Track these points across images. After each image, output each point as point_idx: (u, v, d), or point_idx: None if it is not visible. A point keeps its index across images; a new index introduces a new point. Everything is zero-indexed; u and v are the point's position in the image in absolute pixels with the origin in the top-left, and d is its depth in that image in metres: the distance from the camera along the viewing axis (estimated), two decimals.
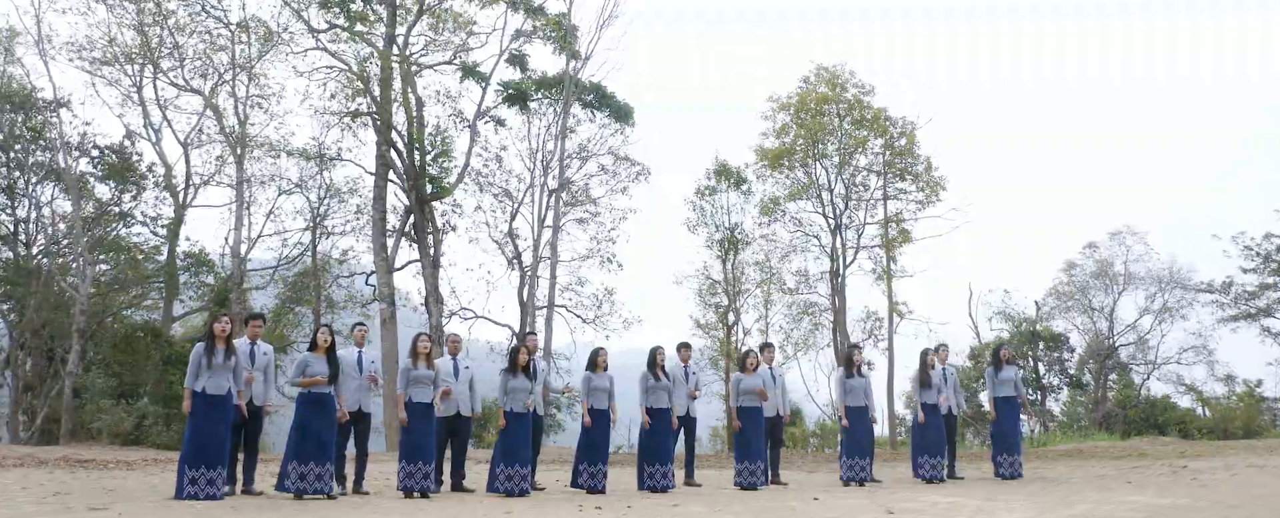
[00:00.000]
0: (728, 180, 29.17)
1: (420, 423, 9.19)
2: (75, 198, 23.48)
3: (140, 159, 26.24)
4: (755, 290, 30.36)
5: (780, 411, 11.69)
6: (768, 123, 27.82)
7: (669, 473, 10.25)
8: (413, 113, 23.47)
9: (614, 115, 26.84)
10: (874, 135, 27.09)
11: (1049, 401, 33.21)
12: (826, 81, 27.41)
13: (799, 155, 27.66)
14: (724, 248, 28.77)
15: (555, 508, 8.33)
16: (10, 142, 24.14)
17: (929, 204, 26.63)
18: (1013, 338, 33.24)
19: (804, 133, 27.16)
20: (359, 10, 24.12)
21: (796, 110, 27.45)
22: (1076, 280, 33.11)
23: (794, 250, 28.65)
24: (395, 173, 23.46)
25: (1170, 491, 9.23)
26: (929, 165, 26.59)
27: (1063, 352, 32.93)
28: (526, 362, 9.65)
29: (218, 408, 8.24)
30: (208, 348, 8.30)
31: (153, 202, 26.88)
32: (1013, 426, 12.14)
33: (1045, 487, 10.36)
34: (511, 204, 27.43)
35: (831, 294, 27.54)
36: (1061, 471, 13.98)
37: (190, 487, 8.06)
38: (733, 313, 29.20)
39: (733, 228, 28.98)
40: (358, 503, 8.35)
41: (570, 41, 26.06)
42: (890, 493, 9.95)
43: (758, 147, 27.92)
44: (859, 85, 27.39)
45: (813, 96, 27.19)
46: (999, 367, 12.28)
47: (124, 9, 24.72)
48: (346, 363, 9.53)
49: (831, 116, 27.18)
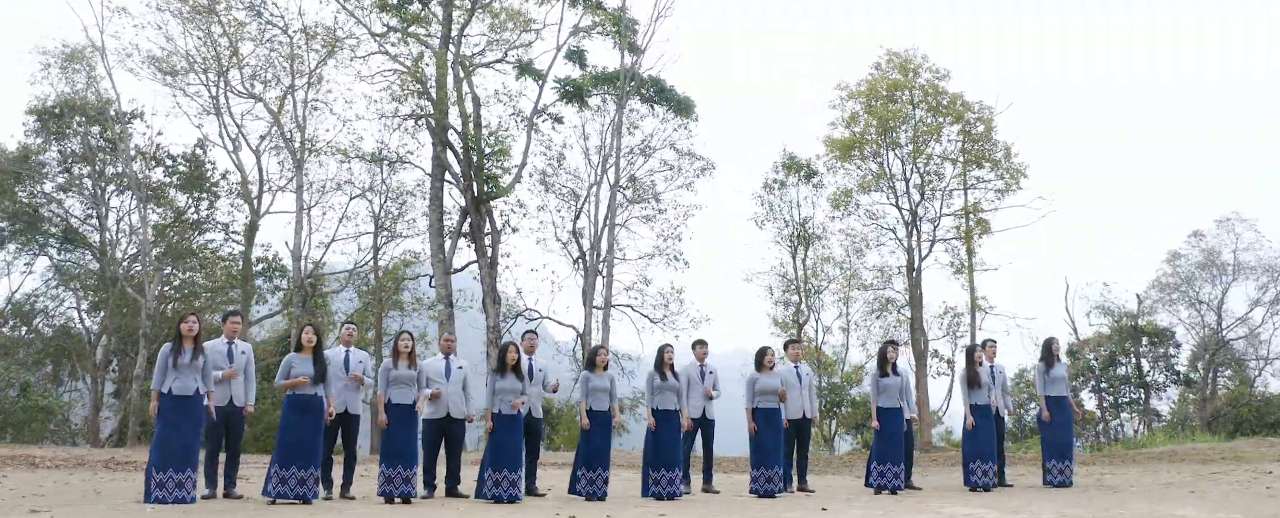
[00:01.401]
0: (798, 174, 28.21)
1: (400, 426, 8.80)
2: (142, 207, 24.20)
3: (214, 168, 27.04)
4: (831, 287, 29.33)
5: (807, 412, 10.91)
6: (836, 112, 26.80)
7: (676, 479, 9.63)
8: (467, 112, 23.36)
9: (674, 109, 26.24)
10: (950, 121, 25.74)
11: (1154, 399, 31.08)
12: (898, 67, 26.18)
13: (872, 145, 26.52)
14: (794, 243, 27.82)
15: (529, 515, 7.84)
16: (91, 154, 25.13)
17: (1009, 193, 25.14)
18: (1113, 334, 31.27)
19: (875, 121, 26.01)
20: (416, 12, 24.17)
21: (867, 98, 26.31)
22: (1181, 271, 30.87)
23: (867, 245, 27.51)
24: (451, 174, 23.40)
25: (1229, 503, 8.15)
26: (1008, 152, 25.10)
27: (1168, 347, 30.76)
28: (516, 361, 9.17)
29: (185, 409, 8.01)
30: (174, 348, 8.09)
31: (227, 209, 27.70)
32: (1066, 429, 11.07)
33: (1090, 497, 9.33)
34: (576, 203, 27.16)
35: (908, 289, 26.29)
36: (1132, 476, 12.75)
37: (158, 491, 7.84)
38: (806, 310, 28.22)
39: (803, 222, 28.01)
40: (329, 508, 8.02)
41: (628, 35, 25.58)
42: (916, 502, 9.11)
43: (826, 137, 26.91)
44: (933, 70, 26.10)
45: (884, 83, 26.01)
46: (1050, 363, 11.22)
47: (197, 23, 25.40)
48: (333, 363, 9.25)
49: (904, 104, 25.95)
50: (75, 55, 26.15)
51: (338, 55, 24.96)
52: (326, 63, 25.12)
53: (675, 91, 26.05)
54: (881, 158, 26.52)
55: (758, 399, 10.17)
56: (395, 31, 24.16)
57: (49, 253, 26.14)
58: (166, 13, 24.98)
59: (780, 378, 10.70)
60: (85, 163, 25.14)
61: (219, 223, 26.83)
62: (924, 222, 25.99)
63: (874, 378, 10.45)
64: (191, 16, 25.28)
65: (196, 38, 25.34)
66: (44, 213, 25.40)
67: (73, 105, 24.54)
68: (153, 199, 26.51)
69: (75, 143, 25.03)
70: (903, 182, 26.51)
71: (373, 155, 24.55)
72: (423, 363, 9.71)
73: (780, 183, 28.13)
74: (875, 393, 10.39)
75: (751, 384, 10.23)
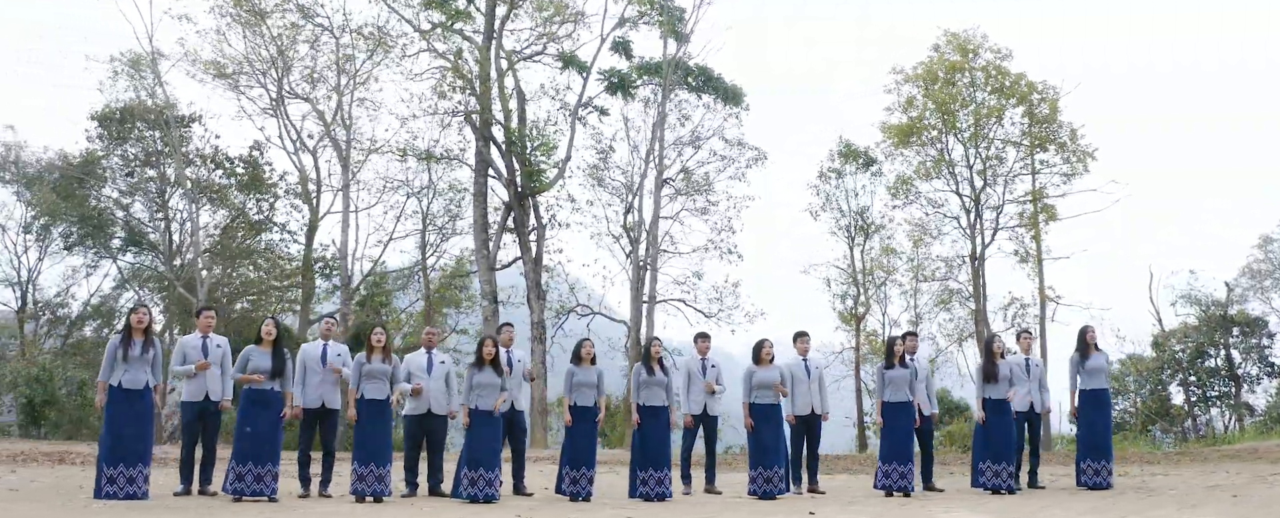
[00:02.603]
0: (855, 162, 27.24)
1: (371, 422, 8.52)
2: (192, 207, 24.70)
3: (272, 168, 27.50)
4: (894, 278, 28.26)
5: (817, 407, 10.26)
6: (892, 96, 25.74)
7: (665, 479, 9.14)
8: (508, 106, 23.19)
9: (722, 98, 25.60)
10: (1013, 103, 24.47)
11: (1245, 392, 29.08)
12: (957, 48, 25.01)
13: (933, 131, 25.41)
14: (851, 234, 26.89)
15: (496, 516, 7.49)
16: (153, 158, 25.79)
17: (1075, 177, 23.77)
18: (1201, 324, 29.37)
19: (934, 105, 24.90)
20: (460, 8, 24.10)
21: (925, 81, 25.21)
22: (1274, 257, 28.82)
23: (929, 234, 26.39)
24: (494, 169, 23.27)
25: (1263, 510, 7.29)
26: (1073, 134, 23.71)
27: (1260, 337, 28.74)
28: (494, 355, 8.81)
29: (135, 403, 7.89)
30: (124, 340, 7.96)
31: (286, 209, 28.15)
32: (1103, 425, 10.18)
33: (1112, 501, 8.53)
34: (627, 196, 26.77)
35: (971, 279, 25.14)
36: (1188, 476, 11.72)
37: (108, 486, 7.73)
38: (865, 303, 27.25)
39: (861, 212, 27.05)
40: (291, 507, 7.80)
41: (676, 25, 25.06)
42: (919, 506, 8.46)
43: (882, 123, 25.89)
44: (995, 50, 24.84)
45: (942, 64, 24.88)
46: (1085, 353, 10.32)
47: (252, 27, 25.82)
48: (310, 357, 9.06)
49: (963, 86, 24.78)
50: (139, 62, 26.89)
51: (387, 54, 25.09)
52: (376, 62, 25.31)
53: (723, 80, 25.42)
54: (941, 143, 25.40)
55: (755, 394, 9.62)
56: (440, 27, 24.17)
57: (116, 255, 26.95)
58: (227, 18, 25.54)
59: (788, 372, 10.16)
60: (148, 166, 25.82)
61: (275, 223, 27.22)
62: (986, 209, 24.78)
63: (879, 371, 9.79)
64: (247, 21, 25.76)
65: (253, 42, 25.79)
66: (110, 216, 26.19)
67: (133, 111, 25.21)
68: (215, 200, 27.11)
69: (137, 147, 25.72)
70: (967, 168, 25.36)
71: (420, 153, 24.56)
72: (406, 357, 9.47)
73: (837, 172, 27.19)
74: (880, 387, 9.73)
75: (748, 378, 9.69)
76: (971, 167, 25.19)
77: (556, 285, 27.29)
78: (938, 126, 24.89)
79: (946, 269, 25.85)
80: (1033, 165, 24.77)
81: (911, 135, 25.07)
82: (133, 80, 26.63)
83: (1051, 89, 24.00)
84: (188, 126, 25.70)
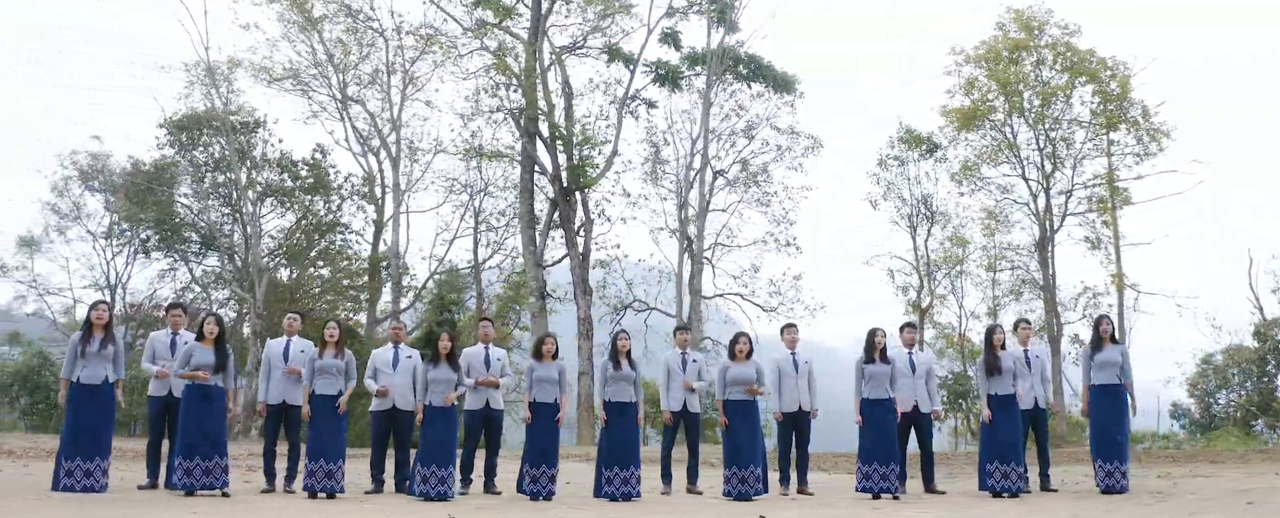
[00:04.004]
0: (917, 148, 26.23)
1: (322, 418, 8.48)
2: (254, 211, 25.42)
3: (335, 171, 28.19)
4: (965, 267, 27.13)
5: (804, 404, 9.76)
6: (952, 78, 24.65)
7: (632, 478, 8.82)
8: (552, 102, 23.12)
9: (774, 86, 24.98)
10: (1083, 81, 23.12)
11: None
12: (1021, 25, 23.77)
13: (998, 114, 24.24)
14: (913, 222, 25.92)
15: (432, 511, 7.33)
16: (223, 163, 26.74)
17: (1148, 157, 22.29)
18: None
19: (997, 85, 23.73)
20: (509, 4, 24.18)
21: (988, 61, 24.05)
22: None
23: (997, 220, 25.21)
24: (539, 165, 23.26)
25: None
26: (1146, 112, 22.22)
27: None
28: (449, 350, 8.66)
29: (94, 398, 8.03)
30: (84, 336, 8.11)
31: (352, 209, 28.82)
32: (1117, 423, 9.36)
33: (1116, 505, 7.84)
34: (682, 190, 26.45)
35: (1040, 267, 23.89)
36: (1228, 479, 10.71)
37: (66, 478, 7.88)
38: (930, 294, 26.24)
39: (923, 200, 26.04)
40: (241, 503, 7.80)
41: (727, 13, 24.57)
42: (893, 510, 7.94)
43: (942, 107, 24.83)
44: (1062, 25, 23.50)
45: (1005, 43, 23.69)
46: (1098, 345, 9.52)
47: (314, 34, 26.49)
48: (273, 354, 9.10)
49: (1028, 65, 23.54)
50: (212, 71, 27.94)
51: (441, 55, 25.36)
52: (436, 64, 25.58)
53: (773, 68, 24.80)
54: (1007, 125, 24.21)
55: (729, 391, 9.19)
56: (488, 25, 24.28)
57: (190, 259, 28.06)
58: (289, 24, 26.30)
59: (775, 367, 9.72)
60: (217, 171, 26.79)
61: (340, 225, 27.88)
62: (1055, 193, 23.50)
63: (858, 365, 9.23)
64: (308, 28, 26.45)
65: (310, 46, 26.47)
66: (184, 220, 27.26)
67: (199, 119, 26.17)
68: (284, 203, 27.96)
69: (205, 153, 26.70)
70: (1037, 151, 24.10)
71: (470, 151, 24.77)
72: (372, 352, 9.42)
73: (898, 159, 26.24)
74: (859, 382, 9.17)
75: (723, 374, 9.27)
76: (1042, 150, 23.92)
77: (614, 282, 27.22)
78: (1001, 109, 23.71)
79: (1015, 257, 24.64)
80: (1107, 147, 23.36)
81: (974, 119, 23.94)
82: (206, 89, 27.72)
83: (1122, 65, 22.56)
84: (253, 132, 26.54)
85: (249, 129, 26.51)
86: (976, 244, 26.15)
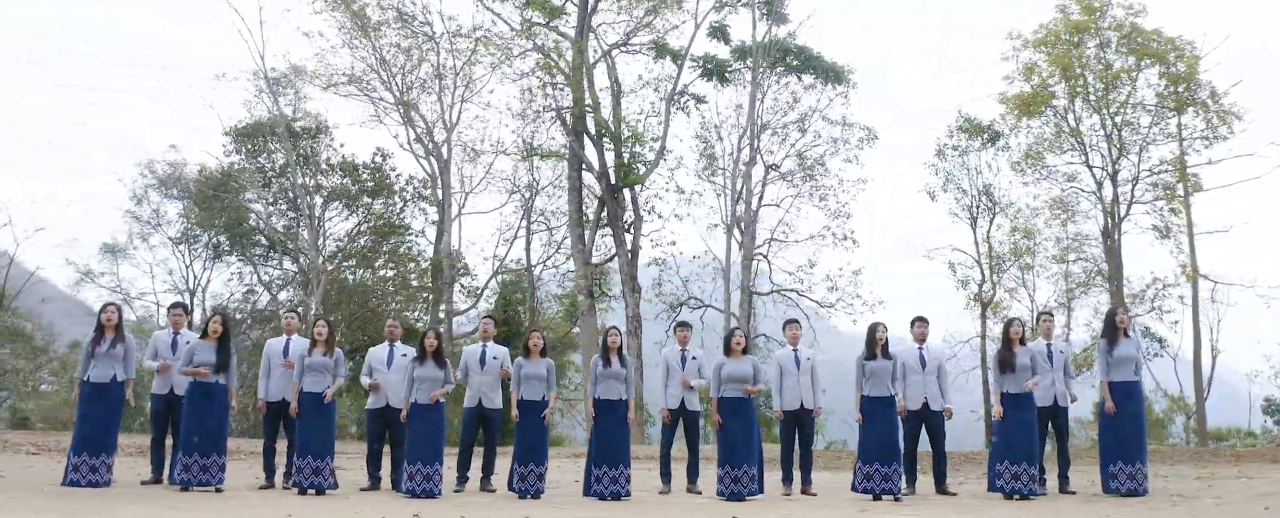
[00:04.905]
0: (979, 137, 25.41)
1: (312, 415, 8.62)
2: (314, 216, 26.09)
3: (397, 174, 28.75)
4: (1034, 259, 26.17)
5: (806, 402, 9.52)
6: (1010, 64, 23.77)
7: (622, 478, 8.74)
8: (597, 99, 23.13)
9: (825, 77, 24.51)
10: (1150, 63, 22.03)
11: None
12: (1083, 7, 22.77)
13: (1061, 100, 23.30)
14: (974, 214, 25.13)
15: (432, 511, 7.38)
16: (288, 168, 27.56)
17: (1218, 141, 21.11)
18: None
19: (1059, 70, 22.81)
20: (557, 4, 24.30)
21: (1049, 45, 23.13)
22: None
23: (1066, 211, 24.26)
24: (587, 163, 23.31)
25: None
26: (1214, 94, 21.04)
27: None
28: (435, 348, 8.71)
29: (102, 396, 8.34)
30: (95, 337, 8.43)
31: (414, 211, 29.37)
32: (1135, 423, 8.88)
33: (1129, 509, 7.42)
34: (736, 185, 26.20)
35: (1106, 258, 22.89)
36: (1268, 482, 10.04)
37: (73, 473, 8.22)
38: (993, 287, 25.40)
39: (984, 190, 25.22)
40: (234, 498, 7.99)
41: (774, 4, 24.23)
42: (887, 511, 7.68)
43: (1001, 94, 23.97)
44: (1125, 5, 22.43)
45: (1066, 25, 22.74)
46: (1114, 339, 9.05)
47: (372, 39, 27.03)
48: (272, 351, 9.30)
49: (1090, 48, 22.56)
50: (280, 80, 28.82)
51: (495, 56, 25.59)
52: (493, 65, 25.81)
53: (822, 59, 24.34)
54: (1070, 111, 23.26)
55: (724, 388, 9.01)
56: (538, 25, 24.43)
57: (257, 262, 29.01)
58: (347, 31, 26.91)
59: (775, 364, 9.54)
60: (283, 177, 27.61)
61: (401, 226, 28.42)
62: (1121, 181, 22.48)
63: (859, 362, 8.95)
64: (364, 35, 27.01)
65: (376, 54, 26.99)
66: (252, 225, 28.20)
67: (262, 126, 27.02)
68: (349, 206, 28.68)
69: (270, 159, 27.56)
70: (1105, 138, 23.08)
71: (522, 151, 24.99)
72: (369, 351, 9.55)
73: (957, 149, 25.47)
74: (859, 379, 8.90)
75: (717, 371, 9.10)
76: (1110, 137, 22.89)
77: (670, 278, 27.13)
78: (1062, 95, 22.79)
79: (1079, 247, 23.68)
80: (1178, 131, 22.23)
81: (1033, 105, 23.06)
82: (271, 96, 28.63)
83: (1189, 45, 21.42)
84: (315, 138, 27.27)
85: (311, 134, 27.24)
86: (1044, 235, 25.22)
